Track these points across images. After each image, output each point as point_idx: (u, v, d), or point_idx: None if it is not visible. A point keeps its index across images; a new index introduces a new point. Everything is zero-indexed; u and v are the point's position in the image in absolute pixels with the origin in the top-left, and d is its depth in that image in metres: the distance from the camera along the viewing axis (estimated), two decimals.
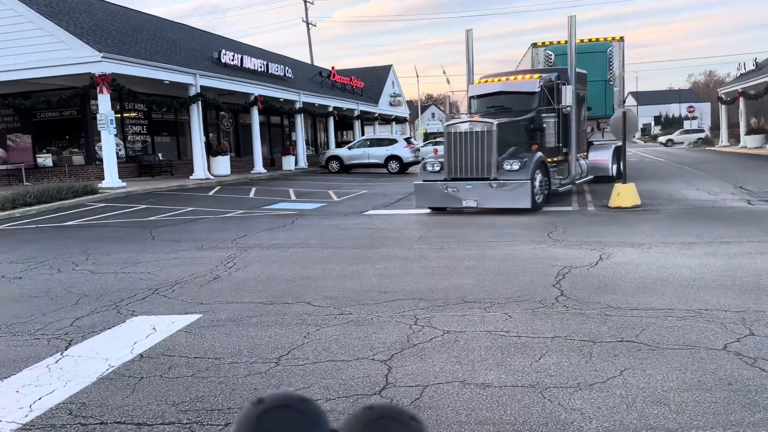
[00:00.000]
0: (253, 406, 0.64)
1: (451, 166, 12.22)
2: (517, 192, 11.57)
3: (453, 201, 12.07)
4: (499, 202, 11.72)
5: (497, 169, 11.78)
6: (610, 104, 17.22)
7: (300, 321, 5.33)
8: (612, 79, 17.30)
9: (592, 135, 17.90)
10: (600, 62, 17.05)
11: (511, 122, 12.65)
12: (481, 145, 11.89)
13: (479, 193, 11.82)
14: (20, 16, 19.50)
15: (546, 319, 5.07)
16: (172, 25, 30.38)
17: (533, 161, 11.78)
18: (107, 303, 6.28)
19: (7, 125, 24.77)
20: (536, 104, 13.16)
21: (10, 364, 4.54)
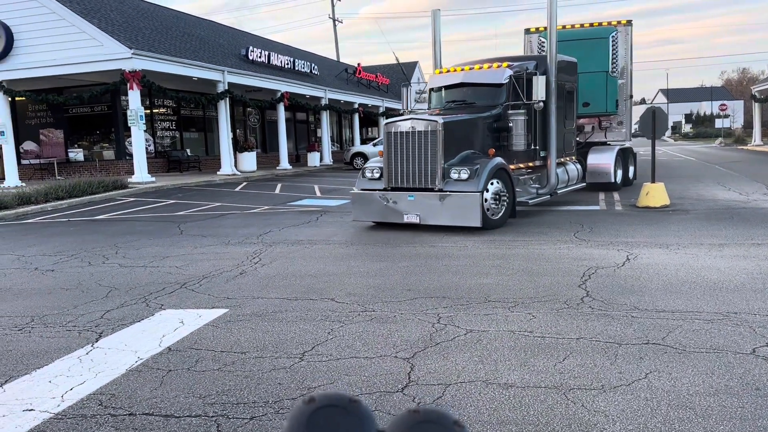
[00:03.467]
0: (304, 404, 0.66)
1: (391, 172, 10.14)
2: (464, 206, 9.53)
3: (393, 215, 10.08)
4: (444, 218, 9.68)
5: (443, 177, 9.72)
6: (612, 99, 14.72)
7: (324, 317, 5.38)
8: (616, 70, 14.84)
9: (590, 135, 15.63)
10: (601, 50, 14.62)
11: (465, 120, 10.49)
12: (425, 149, 9.82)
13: (422, 207, 9.81)
14: (53, 14, 19.91)
15: (571, 320, 5.04)
16: (201, 22, 30.71)
17: (487, 169, 9.64)
18: (136, 296, 6.41)
19: (40, 120, 25.33)
20: (504, 99, 10.85)
21: (43, 355, 4.67)
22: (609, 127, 15.45)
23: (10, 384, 4.11)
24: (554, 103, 11.37)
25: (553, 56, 11.45)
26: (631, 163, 16.27)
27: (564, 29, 14.65)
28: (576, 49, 13.87)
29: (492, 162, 9.86)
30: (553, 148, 11.52)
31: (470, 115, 10.70)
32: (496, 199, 9.86)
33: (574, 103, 12.99)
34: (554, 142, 11.49)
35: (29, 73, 20.33)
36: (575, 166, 13.34)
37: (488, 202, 9.71)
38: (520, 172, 11.12)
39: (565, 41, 14.04)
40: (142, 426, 3.44)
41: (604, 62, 14.53)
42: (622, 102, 15.12)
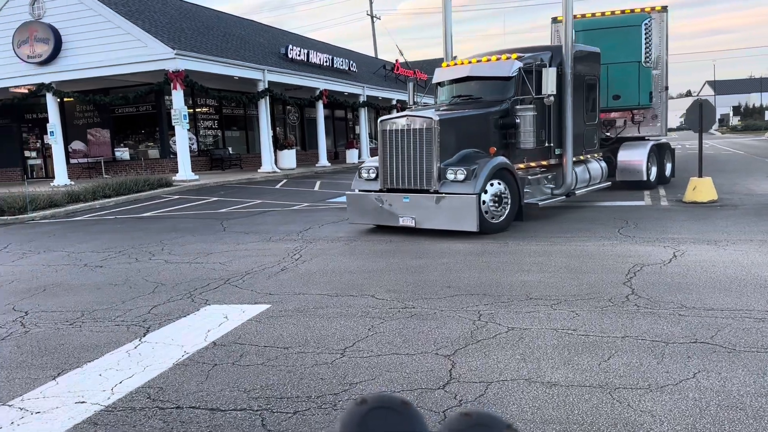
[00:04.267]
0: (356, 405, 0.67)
1: (387, 173, 9.61)
2: (459, 209, 8.91)
3: (388, 217, 9.61)
4: (440, 222, 9.12)
5: (439, 178, 9.11)
6: (645, 91, 13.73)
7: (364, 313, 5.41)
8: (649, 60, 13.78)
9: (622, 130, 14.59)
10: (633, 39, 13.64)
11: (466, 117, 9.85)
12: (420, 147, 9.23)
13: (418, 209, 9.25)
14: (99, 16, 20.45)
15: (615, 318, 4.95)
16: (242, 21, 31.12)
17: (486, 169, 8.98)
18: (182, 292, 6.55)
19: (87, 120, 26.07)
20: (512, 93, 10.11)
21: (94, 349, 4.82)
22: (642, 121, 14.42)
23: (63, 376, 4.26)
24: (570, 97, 10.63)
25: (569, 46, 10.63)
26: (668, 159, 15.23)
27: (592, 17, 14.03)
28: (605, 39, 13.17)
29: (492, 161, 9.19)
30: (569, 145, 10.74)
31: (472, 110, 10.06)
32: (497, 202, 9.18)
33: (596, 97, 12.09)
34: (570, 139, 10.72)
35: (77, 74, 20.93)
36: (599, 164, 12.41)
37: (487, 204, 9.07)
38: (532, 171, 10.49)
39: (592, 30, 13.46)
40: (189, 419, 3.52)
41: (636, 52, 13.62)
42: (656, 94, 14.11)
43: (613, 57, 13.21)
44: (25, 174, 26.76)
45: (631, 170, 13.68)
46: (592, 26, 13.67)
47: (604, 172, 12.61)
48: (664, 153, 14.92)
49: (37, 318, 5.81)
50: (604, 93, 13.28)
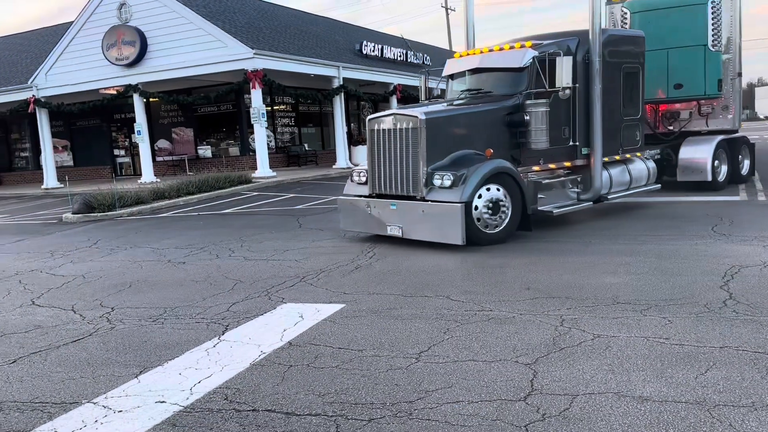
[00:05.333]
0: None
1: (375, 177, 8.86)
2: (444, 219, 8.05)
3: (377, 225, 8.84)
4: (425, 232, 8.27)
5: (426, 183, 8.28)
6: (713, 79, 12.23)
7: (439, 315, 5.27)
8: (718, 43, 12.23)
9: (687, 123, 12.94)
10: (697, 19, 12.14)
11: (465, 114, 8.89)
12: (406, 149, 8.41)
13: (405, 218, 8.44)
14: (182, 18, 21.19)
15: (712, 326, 4.59)
16: (317, 19, 31.50)
17: (477, 174, 8.06)
18: (259, 289, 6.63)
19: (172, 120, 27.14)
20: (525, 86, 8.96)
21: (175, 346, 4.92)
22: (711, 112, 12.82)
23: (144, 375, 4.35)
24: (598, 89, 9.38)
25: (596, 30, 9.32)
26: (745, 155, 13.59)
27: None
28: (665, 20, 12.08)
29: (486, 165, 8.21)
30: (598, 143, 9.50)
31: (472, 107, 9.06)
32: (493, 210, 8.20)
33: (639, 88, 10.57)
34: (599, 137, 9.48)
35: (161, 75, 21.80)
36: (644, 164, 10.86)
37: (480, 212, 8.11)
38: (552, 174, 9.48)
39: (650, 11, 12.36)
40: (265, 423, 3.50)
41: (701, 34, 12.14)
42: (727, 82, 12.56)
43: (674, 41, 12.11)
44: (115, 171, 28.17)
45: (694, 169, 12.20)
46: (649, 6, 12.50)
47: (652, 173, 10.97)
48: (739, 148, 13.28)
49: (123, 314, 6.01)
50: (663, 82, 12.31)
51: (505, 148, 8.80)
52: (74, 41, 23.54)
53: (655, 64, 11.98)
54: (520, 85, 9.02)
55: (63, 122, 28.85)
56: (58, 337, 5.37)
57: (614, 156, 10.14)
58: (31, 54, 28.39)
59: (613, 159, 10.10)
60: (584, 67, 9.38)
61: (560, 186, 9.49)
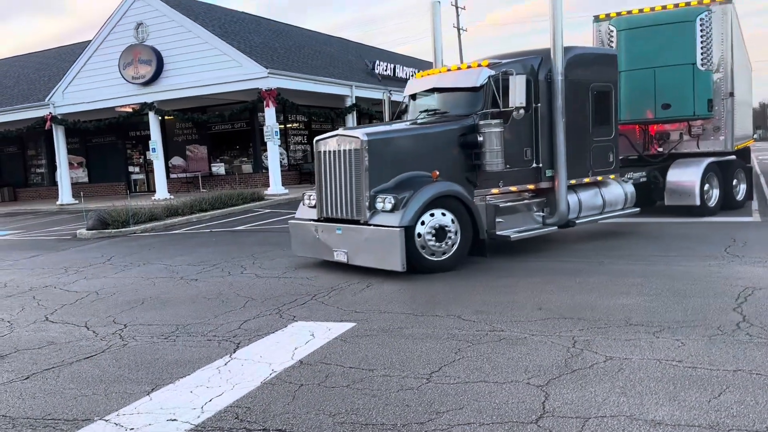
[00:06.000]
0: None
1: (322, 200, 8.63)
2: (384, 244, 7.74)
3: (325, 250, 8.57)
4: (368, 258, 8.00)
5: (370, 207, 7.99)
6: (703, 98, 11.55)
7: (450, 336, 5.26)
8: (708, 62, 11.61)
9: (677, 144, 12.37)
10: (684, 37, 11.59)
11: (412, 135, 8.58)
12: (350, 171, 8.14)
13: (350, 242, 8.17)
14: (198, 38, 21.51)
15: (726, 349, 4.55)
16: (331, 39, 31.85)
17: (420, 197, 7.73)
18: (271, 307, 6.65)
19: (186, 137, 27.43)
20: (481, 106, 8.67)
21: (186, 364, 4.94)
22: (702, 134, 12.18)
23: (156, 392, 4.38)
24: (561, 109, 8.99)
25: (558, 49, 8.95)
26: (740, 179, 12.95)
27: (639, 13, 12.27)
28: (652, 38, 11.63)
29: (430, 188, 7.89)
30: (562, 166, 9.08)
31: (422, 128, 8.77)
32: (438, 236, 7.88)
33: (611, 108, 10.11)
34: (563, 159, 9.06)
35: (177, 93, 22.10)
36: (620, 188, 10.40)
37: (423, 238, 7.80)
38: (514, 197, 9.17)
39: (637, 28, 11.94)
40: None
41: (689, 52, 11.56)
42: (718, 102, 11.87)
43: (662, 59, 11.63)
44: (129, 188, 28.46)
45: (682, 192, 11.60)
46: (636, 24, 12.05)
47: (629, 196, 10.48)
48: (733, 172, 12.62)
49: (135, 331, 6.05)
50: (651, 101, 11.78)
51: (460, 170, 8.51)
52: (92, 60, 23.95)
53: (642, 84, 11.70)
54: (477, 105, 8.74)
55: (79, 139, 29.24)
56: (71, 354, 5.42)
57: (583, 178, 9.76)
58: (49, 72, 28.89)
59: (581, 182, 9.74)
60: (547, 87, 9.04)
61: (524, 209, 9.12)
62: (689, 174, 11.63)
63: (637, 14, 12.23)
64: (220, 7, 26.70)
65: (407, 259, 7.67)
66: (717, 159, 12.12)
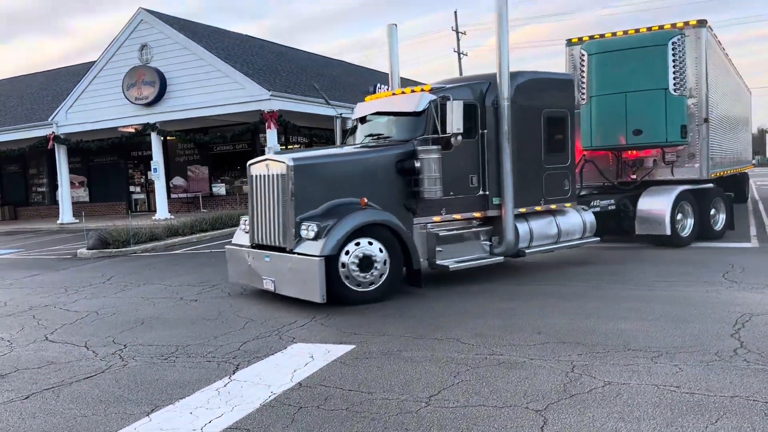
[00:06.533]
0: None
1: (253, 225, 8.47)
2: (305, 274, 7.48)
3: (255, 278, 8.33)
4: (292, 287, 7.74)
5: (296, 234, 7.73)
6: (675, 124, 11.13)
7: (449, 359, 5.28)
8: (681, 87, 11.21)
9: (650, 171, 12.02)
10: (656, 61, 11.21)
11: (344, 161, 8.39)
12: (277, 197, 7.93)
13: (277, 271, 7.91)
14: (201, 60, 21.74)
15: (723, 375, 4.57)
16: (332, 62, 32.20)
17: (343, 225, 7.49)
18: (270, 328, 6.67)
19: (188, 158, 27.57)
20: (422, 131, 8.47)
21: (186, 385, 4.96)
22: (676, 161, 11.81)
23: (156, 413, 4.39)
24: (509, 136, 8.71)
25: (504, 73, 8.73)
26: (720, 209, 12.40)
27: (612, 37, 12.05)
28: (624, 62, 11.37)
29: (356, 216, 7.64)
30: (509, 193, 8.77)
31: (356, 153, 8.57)
32: (363, 266, 7.60)
33: (566, 134, 9.83)
34: (510, 186, 8.76)
35: (179, 115, 22.28)
36: (578, 216, 10.07)
37: (348, 268, 7.53)
38: (464, 224, 8.89)
39: (608, 53, 11.65)
40: None
41: (660, 77, 11.17)
42: (692, 128, 11.50)
43: (633, 84, 11.30)
44: (130, 208, 28.53)
45: (652, 221, 11.23)
46: (607, 48, 11.78)
47: (588, 225, 10.14)
48: (710, 200, 12.09)
49: (135, 351, 6.07)
50: (622, 127, 11.44)
51: (399, 197, 8.26)
52: (96, 80, 24.18)
53: (613, 109, 11.46)
54: (418, 131, 8.53)
55: (81, 158, 29.39)
56: (71, 374, 5.43)
57: (534, 207, 9.44)
58: (53, 92, 29.14)
59: (533, 210, 9.44)
60: (494, 112, 8.83)
61: (470, 238, 8.84)
62: (660, 202, 11.28)
63: (609, 38, 12.08)
64: (224, 30, 27.04)
65: (330, 289, 7.44)
66: (691, 187, 11.72)
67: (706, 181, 11.88)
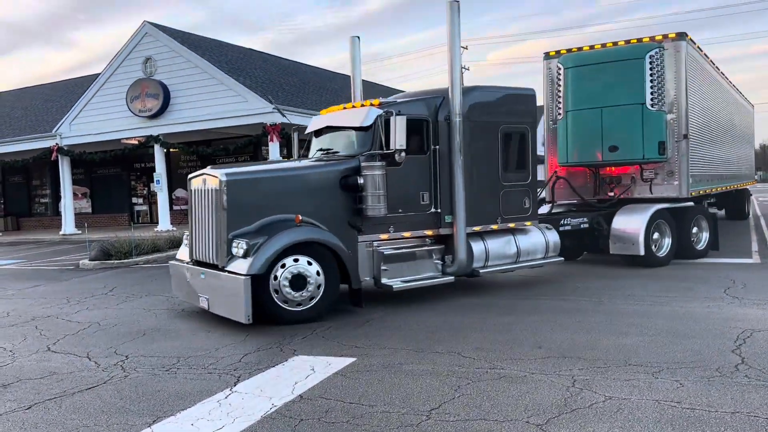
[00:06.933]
0: None
1: (192, 241, 8.31)
2: (232, 293, 7.28)
3: (193, 295, 8.15)
4: (222, 306, 7.54)
5: (228, 251, 7.47)
6: (653, 141, 10.78)
7: (450, 372, 5.29)
8: (659, 102, 10.86)
9: (628, 189, 11.65)
10: (633, 75, 10.90)
11: (287, 176, 8.08)
12: (212, 212, 7.74)
13: (210, 288, 7.73)
14: (205, 73, 21.87)
15: (724, 391, 4.58)
16: (335, 76, 32.35)
17: (271, 244, 7.26)
18: (272, 341, 6.68)
19: (190, 169, 27.55)
20: (369, 147, 8.23)
21: (187, 396, 4.96)
22: (654, 178, 11.39)
23: (157, 424, 4.40)
24: (460, 151, 8.48)
25: (456, 86, 8.51)
26: (703, 228, 11.99)
27: (590, 50, 11.73)
28: (600, 76, 11.10)
29: (287, 234, 7.40)
30: (460, 211, 8.52)
31: (297, 168, 8.34)
32: (295, 285, 7.38)
33: (527, 150, 9.50)
34: (461, 204, 8.51)
35: (182, 127, 22.37)
36: (540, 235, 9.73)
37: (280, 288, 7.34)
38: (416, 243, 8.60)
39: (584, 66, 11.43)
40: None
41: (637, 91, 10.84)
42: (671, 144, 11.06)
43: (609, 99, 10.99)
44: (132, 219, 28.57)
45: (625, 241, 10.83)
46: (583, 62, 11.53)
47: (551, 245, 9.79)
48: (691, 219, 11.67)
49: (137, 362, 6.08)
50: (598, 143, 11.11)
51: (343, 214, 8.03)
52: (100, 92, 24.32)
53: (589, 124, 11.18)
54: (366, 146, 8.29)
55: (84, 170, 29.48)
56: (73, 384, 5.44)
57: (490, 225, 9.11)
58: (57, 103, 29.30)
59: (489, 228, 9.11)
60: (447, 128, 8.57)
61: (421, 257, 8.54)
62: (634, 221, 10.87)
63: (586, 51, 11.76)
64: (227, 44, 27.22)
65: (263, 309, 7.30)
66: (670, 206, 11.31)
67: (686, 199, 11.48)
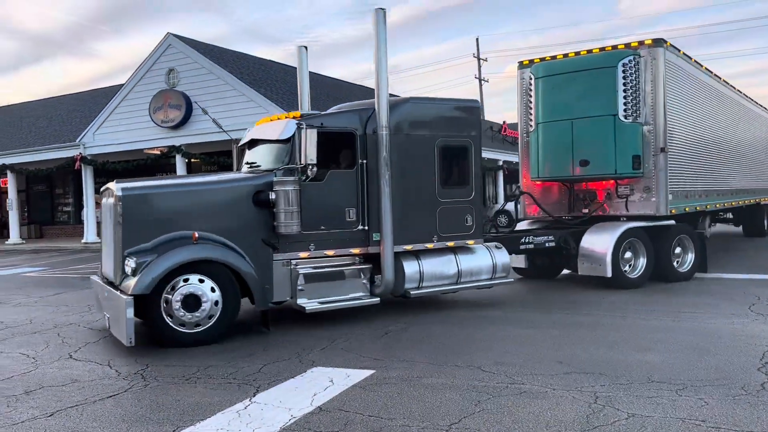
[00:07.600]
0: None
1: (102, 257, 8.04)
2: (118, 314, 6.90)
3: (102, 312, 7.94)
4: (115, 327, 7.16)
5: (122, 269, 7.11)
6: (626, 155, 10.17)
7: (470, 387, 5.25)
8: (634, 113, 10.22)
9: (600, 207, 11.00)
10: (604, 85, 10.28)
11: (192, 191, 7.83)
12: (112, 228, 7.43)
13: (109, 306, 7.38)
14: (226, 84, 22.13)
15: (750, 410, 4.49)
16: (353, 87, 32.58)
17: (159, 263, 6.89)
18: (291, 351, 6.68)
19: None
20: (288, 160, 7.89)
21: (207, 406, 4.98)
22: (630, 194, 10.65)
23: None
24: (387, 166, 8.13)
25: (382, 97, 8.18)
26: (688, 248, 11.13)
27: (563, 58, 11.16)
28: (571, 86, 10.52)
29: (179, 252, 7.04)
30: (387, 228, 8.16)
31: (202, 183, 8.12)
32: (189, 306, 7.03)
33: (468, 165, 9.01)
34: (388, 221, 8.15)
35: (204, 137, 22.62)
36: (488, 255, 9.16)
37: (170, 308, 6.99)
38: (351, 261, 8.26)
39: (555, 75, 10.90)
40: None
41: (609, 102, 10.21)
42: (648, 158, 10.35)
43: (580, 110, 10.38)
44: None
45: (593, 261, 10.14)
46: (553, 71, 10.98)
47: (500, 266, 9.20)
48: (672, 239, 10.83)
49: (157, 371, 6.11)
50: (568, 157, 10.52)
51: (256, 231, 7.67)
52: (123, 103, 24.71)
53: (559, 137, 10.63)
54: (285, 160, 7.96)
55: (106, 179, 29.73)
56: (94, 392, 5.48)
57: (425, 244, 8.64)
58: (81, 113, 29.80)
59: (423, 247, 8.65)
60: (375, 141, 8.26)
61: (346, 276, 8.16)
62: (602, 241, 10.13)
63: (559, 60, 11.20)
64: (249, 56, 27.53)
65: (153, 330, 7.13)
66: (645, 224, 10.53)
67: (666, 217, 10.69)
